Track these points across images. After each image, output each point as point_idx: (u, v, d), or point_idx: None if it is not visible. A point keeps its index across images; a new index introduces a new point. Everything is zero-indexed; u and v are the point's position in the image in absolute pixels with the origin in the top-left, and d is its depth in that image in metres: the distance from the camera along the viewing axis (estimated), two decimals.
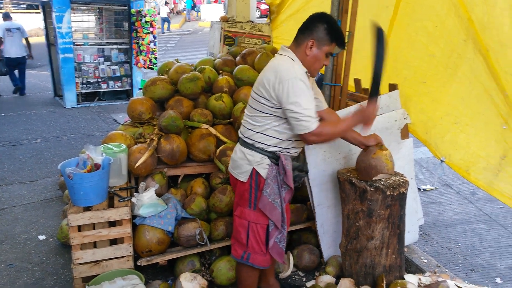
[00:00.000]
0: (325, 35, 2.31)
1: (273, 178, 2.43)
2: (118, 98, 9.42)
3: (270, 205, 2.44)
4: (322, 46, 2.33)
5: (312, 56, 2.34)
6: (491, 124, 2.75)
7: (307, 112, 2.22)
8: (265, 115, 2.36)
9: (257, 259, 2.55)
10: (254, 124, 2.42)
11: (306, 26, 2.36)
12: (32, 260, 3.44)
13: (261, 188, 2.44)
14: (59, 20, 8.13)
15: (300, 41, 2.36)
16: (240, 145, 2.53)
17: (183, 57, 13.71)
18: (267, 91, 2.31)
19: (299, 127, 2.25)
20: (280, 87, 2.24)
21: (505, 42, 2.42)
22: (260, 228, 2.51)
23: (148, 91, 3.70)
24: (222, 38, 5.12)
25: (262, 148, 2.42)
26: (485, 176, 2.86)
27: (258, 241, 2.52)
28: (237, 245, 2.61)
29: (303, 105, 2.22)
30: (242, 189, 2.51)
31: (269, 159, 2.42)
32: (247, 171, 2.46)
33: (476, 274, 3.42)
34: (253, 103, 2.43)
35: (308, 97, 2.26)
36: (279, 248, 2.56)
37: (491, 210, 4.44)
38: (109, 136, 3.30)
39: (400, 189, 2.69)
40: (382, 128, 3.16)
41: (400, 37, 3.43)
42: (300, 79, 2.24)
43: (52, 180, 4.99)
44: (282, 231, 2.54)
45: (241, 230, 2.54)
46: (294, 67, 2.30)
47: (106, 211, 2.77)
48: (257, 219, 2.49)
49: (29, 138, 6.67)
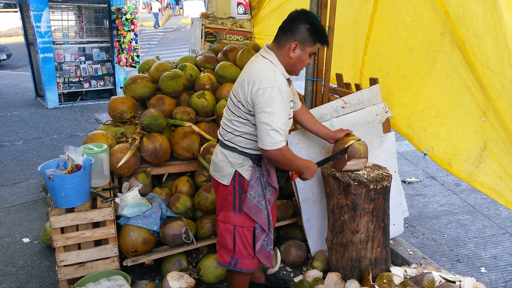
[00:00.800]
0: (308, 36, 2.24)
1: (257, 180, 2.39)
2: (101, 97, 9.30)
3: (255, 208, 2.39)
4: (305, 48, 2.27)
5: (296, 58, 2.28)
6: (470, 116, 2.78)
7: (276, 126, 2.14)
8: (243, 120, 2.30)
9: (245, 264, 2.49)
10: (234, 128, 2.35)
11: (287, 27, 2.27)
12: (16, 263, 3.39)
13: (245, 190, 2.39)
14: (37, 19, 7.98)
15: (282, 42, 2.28)
16: (220, 147, 2.46)
17: (167, 55, 13.63)
18: (244, 95, 2.24)
19: (264, 138, 2.17)
20: (258, 93, 2.16)
21: (480, 34, 2.44)
22: (247, 231, 2.45)
23: (128, 90, 3.66)
24: (203, 35, 5.09)
25: (243, 151, 2.37)
26: (466, 168, 2.90)
27: (246, 245, 2.46)
28: (223, 251, 2.53)
29: (275, 117, 2.14)
30: (225, 192, 2.44)
31: (251, 161, 2.38)
32: (229, 173, 2.40)
33: (462, 265, 3.47)
34: (231, 106, 2.36)
35: (283, 111, 2.19)
36: (266, 251, 2.51)
37: (475, 201, 4.51)
38: (90, 136, 3.25)
39: (383, 182, 2.71)
40: (363, 122, 3.18)
41: (380, 32, 3.45)
42: (279, 90, 2.17)
43: (35, 182, 4.92)
44: (269, 234, 2.49)
45: (227, 235, 2.46)
46: (276, 75, 2.22)
47: (89, 212, 2.74)
48: (243, 222, 2.43)
49: (11, 140, 6.55)
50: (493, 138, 2.66)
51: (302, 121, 2.75)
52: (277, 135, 2.16)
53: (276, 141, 2.16)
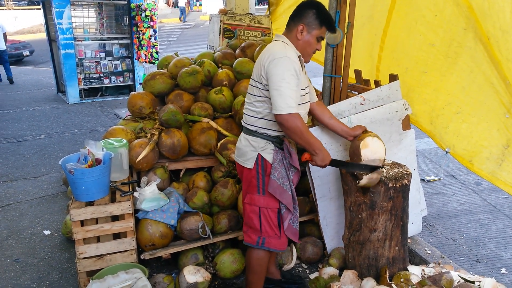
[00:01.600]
0: (314, 20, 2.40)
1: (280, 162, 2.48)
2: (121, 93, 9.42)
3: (280, 189, 2.49)
4: (312, 31, 2.42)
5: (304, 41, 2.44)
6: (493, 113, 2.72)
7: (287, 90, 2.26)
8: (261, 99, 2.43)
9: (273, 243, 2.60)
10: (254, 110, 2.48)
11: (296, 13, 2.46)
12: (37, 255, 3.47)
13: (268, 173, 2.49)
14: (59, 16, 8.12)
15: (291, 27, 2.46)
16: (243, 133, 2.59)
17: (185, 51, 13.71)
18: (259, 72, 2.39)
19: (276, 102, 2.27)
20: (271, 65, 2.31)
21: (507, 29, 2.38)
22: (272, 213, 2.56)
23: (147, 86, 3.69)
24: (222, 31, 5.09)
25: (265, 133, 2.48)
26: (488, 166, 2.84)
27: (271, 225, 2.57)
28: (250, 232, 2.64)
29: (286, 83, 2.26)
30: (249, 176, 2.56)
31: (273, 144, 2.48)
32: (252, 157, 2.50)
33: (481, 265, 3.41)
34: (251, 89, 2.52)
35: (293, 79, 2.30)
36: (293, 228, 2.63)
37: (496, 200, 4.42)
38: (109, 131, 3.30)
39: (403, 180, 2.67)
40: (383, 119, 3.14)
41: (399, 27, 3.40)
42: (290, 59, 2.31)
43: (56, 176, 5.02)
44: (294, 213, 2.60)
45: (253, 216, 2.58)
46: (286, 48, 2.38)
47: (108, 205, 2.78)
48: (267, 204, 2.54)
49: (33, 134, 6.69)
50: None
51: (319, 115, 2.80)
52: (288, 99, 2.26)
53: (287, 105, 2.26)
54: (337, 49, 3.27)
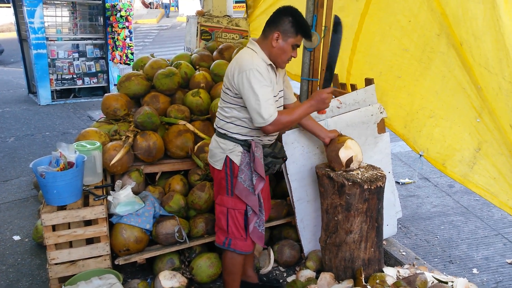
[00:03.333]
0: (290, 27, 2.38)
1: (246, 165, 2.52)
2: (94, 94, 9.22)
3: (246, 191, 2.53)
4: (287, 38, 2.40)
5: (278, 48, 2.42)
6: (465, 117, 2.78)
7: (263, 103, 2.29)
8: (231, 105, 2.47)
9: (238, 245, 2.63)
10: (224, 115, 2.53)
11: (272, 19, 2.45)
12: (6, 261, 3.36)
13: (236, 175, 2.53)
14: (30, 15, 7.89)
15: (267, 33, 2.44)
16: (215, 135, 2.64)
17: (161, 53, 13.55)
18: (229, 81, 2.42)
19: (257, 118, 2.33)
20: (239, 77, 2.33)
21: (479, 35, 2.44)
22: (238, 214, 2.60)
23: (122, 87, 3.63)
24: (199, 33, 5.07)
25: (234, 137, 2.52)
26: (460, 169, 2.90)
27: (238, 227, 2.61)
28: (219, 232, 2.69)
29: (259, 95, 2.29)
30: (219, 177, 2.60)
31: (241, 147, 2.52)
32: (221, 159, 2.55)
33: (454, 266, 3.48)
34: (222, 94, 2.54)
35: (264, 88, 2.32)
36: (259, 232, 2.65)
37: (468, 202, 4.53)
38: (82, 134, 3.22)
39: (378, 183, 2.71)
40: (358, 122, 3.18)
41: (372, 31, 3.44)
42: (257, 70, 2.31)
43: (26, 180, 4.87)
44: (260, 216, 2.63)
45: (221, 217, 2.63)
46: (253, 59, 2.38)
47: (81, 210, 2.72)
48: (234, 205, 2.58)
49: (2, 136, 6.48)
50: (487, 140, 2.67)
51: None
52: (265, 111, 2.29)
53: (267, 117, 2.30)
54: (314, 52, 3.29)
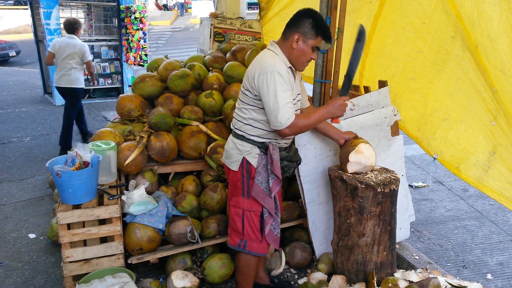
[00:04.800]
0: (310, 29, 2.39)
1: (263, 167, 2.52)
2: (109, 95, 9.33)
3: (263, 193, 2.52)
4: (307, 40, 2.40)
5: (298, 50, 2.42)
6: (479, 120, 2.76)
7: (281, 106, 2.27)
8: (250, 107, 2.46)
9: (254, 247, 2.62)
10: (242, 116, 2.52)
11: (292, 22, 2.45)
12: (22, 258, 3.41)
13: (253, 177, 2.52)
14: (47, 16, 8.03)
15: (287, 35, 2.44)
16: (232, 136, 2.62)
17: (174, 54, 13.64)
18: (249, 83, 2.41)
19: (274, 121, 2.31)
20: (260, 79, 2.33)
21: (494, 37, 2.42)
22: (254, 216, 2.58)
23: (137, 88, 3.66)
24: (212, 35, 5.09)
25: (252, 139, 2.51)
26: (474, 172, 2.87)
27: (253, 229, 2.59)
28: (234, 234, 2.67)
29: (278, 98, 2.28)
30: (235, 178, 2.59)
31: (258, 149, 2.51)
32: (237, 160, 2.54)
33: (468, 271, 3.44)
34: (241, 95, 2.54)
35: (284, 90, 2.31)
36: (274, 235, 2.64)
37: (483, 207, 4.47)
38: (97, 134, 3.26)
39: (391, 186, 2.69)
40: (372, 125, 3.16)
41: (386, 33, 3.43)
42: (278, 73, 2.31)
43: (42, 178, 4.94)
44: (276, 218, 2.62)
45: (236, 219, 2.61)
46: (275, 61, 2.38)
47: (95, 209, 2.75)
48: (250, 207, 2.57)
49: (19, 136, 6.59)
50: (502, 143, 2.64)
51: None
52: (283, 114, 2.28)
53: (284, 120, 2.28)
54: (327, 54, 3.29)
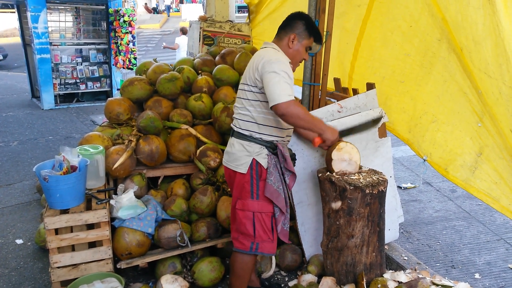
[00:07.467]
0: (304, 30, 2.55)
1: (274, 167, 2.53)
2: (97, 99, 9.28)
3: (276, 193, 2.53)
4: (302, 40, 2.56)
5: (294, 49, 2.56)
6: (466, 122, 2.79)
7: (283, 83, 2.29)
8: (255, 103, 2.49)
9: (266, 247, 2.62)
10: (247, 115, 2.52)
11: (286, 23, 2.59)
12: (9, 265, 3.36)
13: (264, 178, 2.53)
14: (34, 20, 7.96)
15: (282, 36, 2.58)
16: (236, 138, 2.59)
17: (164, 57, 13.60)
18: (253, 75, 2.45)
19: (274, 93, 2.28)
20: (266, 65, 2.37)
21: (479, 40, 2.45)
22: (266, 217, 2.58)
23: (125, 92, 3.65)
24: (201, 38, 5.09)
25: (260, 138, 2.52)
26: (462, 173, 2.90)
27: (265, 230, 2.59)
28: (242, 238, 2.62)
29: (282, 76, 2.31)
30: (242, 181, 2.56)
31: (267, 149, 2.53)
32: (246, 162, 2.52)
33: (456, 271, 3.48)
34: (243, 94, 2.55)
35: (288, 76, 2.35)
36: (284, 230, 2.66)
37: (470, 207, 4.52)
38: (85, 138, 3.24)
39: (379, 187, 2.71)
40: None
41: (374, 37, 3.46)
42: (284, 63, 2.40)
43: (29, 183, 4.89)
44: (286, 215, 2.64)
45: (246, 222, 2.58)
46: (278, 54, 2.48)
47: (83, 213, 2.72)
48: (261, 208, 2.56)
49: (6, 140, 6.51)
50: (489, 144, 2.67)
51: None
52: (284, 88, 2.29)
53: (285, 93, 2.28)
54: (316, 57, 3.31)
